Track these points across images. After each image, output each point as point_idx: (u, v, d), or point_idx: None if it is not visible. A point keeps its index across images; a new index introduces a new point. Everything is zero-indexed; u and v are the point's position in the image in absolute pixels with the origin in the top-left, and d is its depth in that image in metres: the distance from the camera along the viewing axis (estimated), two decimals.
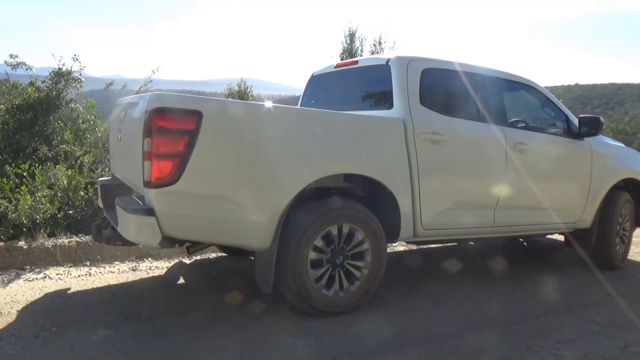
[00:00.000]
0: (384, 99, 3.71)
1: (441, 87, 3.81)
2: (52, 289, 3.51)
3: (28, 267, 4.36)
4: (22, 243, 4.67)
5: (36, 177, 5.32)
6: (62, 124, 6.65)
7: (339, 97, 4.40)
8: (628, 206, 4.93)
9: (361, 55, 10.01)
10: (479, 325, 3.31)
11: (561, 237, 5.50)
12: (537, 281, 4.36)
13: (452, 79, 3.89)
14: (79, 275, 3.88)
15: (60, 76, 6.90)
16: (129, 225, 2.77)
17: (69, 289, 3.53)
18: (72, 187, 5.85)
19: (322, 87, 4.64)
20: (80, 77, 8.03)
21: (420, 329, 3.16)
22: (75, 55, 7.67)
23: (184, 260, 4.45)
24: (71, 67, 7.40)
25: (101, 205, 3.83)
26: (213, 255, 4.80)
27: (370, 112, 3.69)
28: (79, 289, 3.55)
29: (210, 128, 2.74)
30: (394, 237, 3.53)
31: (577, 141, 4.46)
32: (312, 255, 3.14)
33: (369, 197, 3.55)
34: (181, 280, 3.91)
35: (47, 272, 3.99)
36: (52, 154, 6.19)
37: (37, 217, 5.11)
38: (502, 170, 3.94)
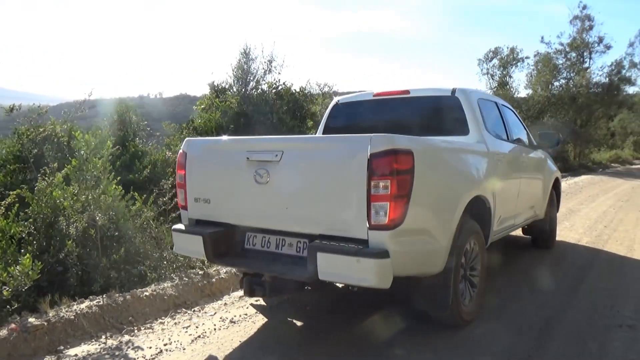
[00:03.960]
0: (453, 126, 4.18)
1: (488, 114, 4.48)
2: None
3: (62, 347, 3.55)
4: (33, 319, 3.73)
5: None
6: None
7: (382, 124, 4.65)
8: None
9: (255, 72, 10.06)
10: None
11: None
12: (533, 268, 5.43)
13: (490, 107, 4.62)
14: (191, 342, 3.34)
15: None
16: (366, 270, 2.67)
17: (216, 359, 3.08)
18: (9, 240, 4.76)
19: (352, 114, 4.84)
20: None
21: (537, 321, 3.80)
22: None
23: (259, 302, 4.17)
24: None
25: (203, 257, 3.39)
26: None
27: (445, 138, 4.12)
28: (222, 355, 3.12)
29: (419, 165, 2.86)
30: None
31: (535, 150, 5.68)
32: (460, 271, 3.49)
33: None
34: (298, 322, 3.71)
35: (143, 346, 3.32)
36: None
37: (24, 284, 4.05)
38: (520, 180, 4.84)
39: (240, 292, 4.61)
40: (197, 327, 3.63)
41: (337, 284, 4.50)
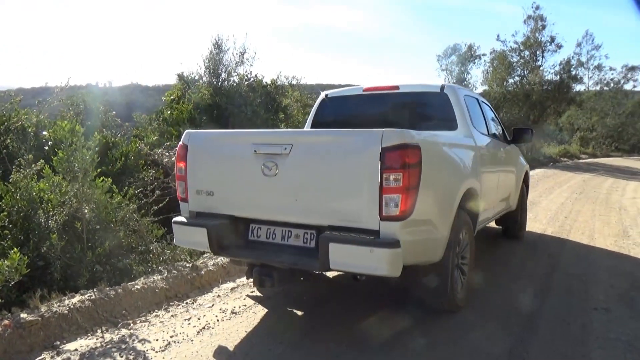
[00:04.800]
0: (442, 122, 4.35)
1: (473, 110, 4.67)
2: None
3: (58, 342, 3.50)
4: (25, 315, 3.64)
5: None
6: None
7: (371, 118, 4.74)
8: None
9: (227, 64, 9.95)
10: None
11: None
12: (508, 258, 5.72)
13: (474, 103, 4.82)
14: (196, 333, 3.35)
15: None
16: (379, 259, 2.77)
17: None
18: None
19: (341, 109, 4.93)
20: None
21: (521, 307, 4.04)
22: None
23: (255, 293, 4.22)
24: None
25: (207, 249, 3.40)
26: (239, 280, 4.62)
27: (440, 133, 4.27)
28: (231, 345, 3.16)
29: (426, 159, 2.99)
30: None
31: (509, 145, 5.96)
32: (455, 260, 3.66)
33: None
34: (299, 312, 3.79)
35: (149, 339, 3.31)
36: None
37: (12, 279, 3.93)
38: (498, 173, 5.08)
39: (232, 284, 4.65)
40: (198, 319, 3.64)
41: (329, 275, 4.61)
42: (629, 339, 3.38)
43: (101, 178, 4.58)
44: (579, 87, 29.28)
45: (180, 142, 3.62)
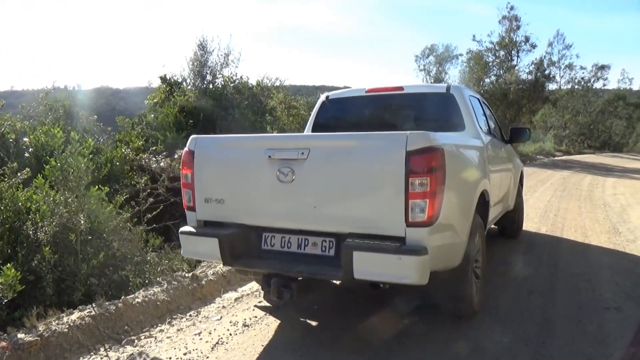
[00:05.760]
0: (450, 123, 4.27)
1: (477, 110, 4.63)
2: None
3: None
4: (23, 335, 3.42)
5: None
6: None
7: (376, 120, 4.66)
8: None
9: (212, 66, 9.71)
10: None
11: None
12: (510, 258, 5.70)
13: (477, 103, 4.77)
14: (211, 349, 3.18)
15: None
16: (407, 268, 2.67)
17: None
18: None
19: (344, 110, 4.81)
20: None
21: (533, 308, 4.00)
22: None
23: (262, 303, 4.07)
24: None
25: (218, 260, 3.23)
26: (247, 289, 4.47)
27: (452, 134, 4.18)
28: None
29: (449, 163, 2.91)
30: None
31: (507, 145, 5.95)
32: (472, 264, 3.59)
33: None
34: (313, 322, 3.65)
35: (161, 357, 3.13)
36: None
37: (6, 297, 3.69)
38: (500, 173, 5.05)
39: (235, 294, 4.49)
40: (209, 333, 3.48)
41: (335, 282, 4.49)
42: None
43: (96, 186, 4.35)
44: (551, 86, 29.87)
45: (186, 148, 3.46)
